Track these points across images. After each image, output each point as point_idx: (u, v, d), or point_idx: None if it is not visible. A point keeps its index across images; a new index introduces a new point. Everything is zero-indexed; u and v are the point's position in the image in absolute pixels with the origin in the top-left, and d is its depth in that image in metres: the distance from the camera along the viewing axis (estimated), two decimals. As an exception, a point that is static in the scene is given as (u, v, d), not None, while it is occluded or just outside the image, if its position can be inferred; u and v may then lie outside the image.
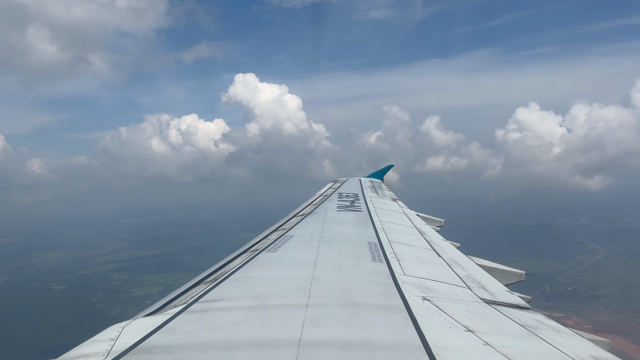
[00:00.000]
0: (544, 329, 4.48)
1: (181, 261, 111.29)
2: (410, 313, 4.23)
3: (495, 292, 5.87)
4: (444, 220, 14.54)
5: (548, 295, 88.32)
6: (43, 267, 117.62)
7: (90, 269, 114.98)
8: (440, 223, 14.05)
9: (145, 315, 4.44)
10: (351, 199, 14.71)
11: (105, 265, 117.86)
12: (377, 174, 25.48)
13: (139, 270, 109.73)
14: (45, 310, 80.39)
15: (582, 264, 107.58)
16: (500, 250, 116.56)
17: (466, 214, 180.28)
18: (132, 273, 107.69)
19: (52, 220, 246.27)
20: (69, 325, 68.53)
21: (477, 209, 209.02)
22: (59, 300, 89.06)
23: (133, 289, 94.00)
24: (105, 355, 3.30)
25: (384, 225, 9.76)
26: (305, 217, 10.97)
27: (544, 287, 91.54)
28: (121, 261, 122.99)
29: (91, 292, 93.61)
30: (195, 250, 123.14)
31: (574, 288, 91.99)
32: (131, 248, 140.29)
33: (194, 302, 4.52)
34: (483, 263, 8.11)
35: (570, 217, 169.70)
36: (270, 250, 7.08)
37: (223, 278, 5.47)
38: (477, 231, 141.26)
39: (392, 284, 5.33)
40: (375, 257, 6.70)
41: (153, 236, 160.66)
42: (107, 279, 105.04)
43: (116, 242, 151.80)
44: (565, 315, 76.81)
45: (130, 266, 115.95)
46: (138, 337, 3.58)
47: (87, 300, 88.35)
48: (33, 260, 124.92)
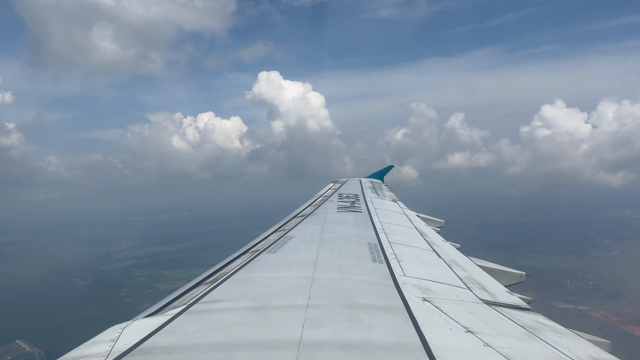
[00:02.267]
0: (544, 330, 4.48)
1: (199, 257, 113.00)
2: (411, 314, 4.23)
3: (495, 293, 5.87)
4: (444, 221, 14.55)
5: (570, 289, 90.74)
6: (63, 264, 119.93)
7: (109, 265, 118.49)
8: (440, 224, 14.05)
9: (145, 316, 4.44)
10: (351, 200, 14.71)
11: (124, 262, 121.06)
12: (377, 175, 25.47)
13: (159, 266, 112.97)
14: (79, 304, 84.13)
15: (599, 260, 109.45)
16: (515, 247, 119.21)
17: (483, 211, 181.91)
18: (153, 269, 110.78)
19: (64, 218, 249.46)
20: (105, 317, 70.71)
21: (495, 205, 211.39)
22: (87, 294, 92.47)
23: (157, 284, 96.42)
24: (105, 356, 3.30)
25: (384, 226, 9.76)
26: (306, 217, 10.97)
27: (565, 282, 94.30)
28: (139, 257, 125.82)
29: (117, 287, 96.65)
30: (210, 247, 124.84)
31: (595, 283, 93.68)
32: (146, 245, 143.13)
33: (194, 303, 4.52)
34: (483, 264, 8.10)
35: (585, 214, 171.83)
36: (271, 251, 7.08)
37: (223, 279, 5.47)
38: (492, 228, 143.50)
39: (393, 285, 5.33)
40: (376, 258, 6.70)
41: (165, 233, 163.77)
42: (129, 274, 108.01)
43: (130, 240, 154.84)
44: (590, 309, 79.01)
45: (149, 262, 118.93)
46: (138, 338, 3.57)
47: (114, 294, 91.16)
48: (50, 257, 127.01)
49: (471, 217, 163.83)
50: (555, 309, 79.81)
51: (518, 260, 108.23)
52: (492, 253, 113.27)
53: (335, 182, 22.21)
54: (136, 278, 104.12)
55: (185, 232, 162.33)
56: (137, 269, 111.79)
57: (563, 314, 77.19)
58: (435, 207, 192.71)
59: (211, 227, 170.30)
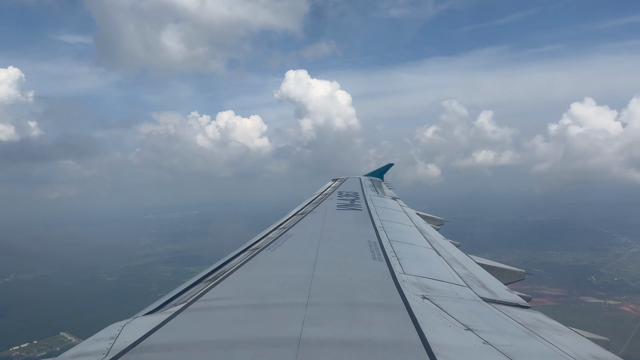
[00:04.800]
0: (543, 327, 4.49)
1: (221, 254, 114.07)
2: (410, 312, 4.23)
3: (495, 291, 5.87)
4: (444, 219, 14.55)
5: (597, 285, 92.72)
6: (86, 261, 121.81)
7: (133, 261, 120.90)
8: (440, 222, 14.06)
9: (145, 314, 4.44)
10: (351, 198, 14.70)
11: (146, 259, 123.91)
12: (377, 173, 25.46)
13: (183, 262, 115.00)
14: (113, 298, 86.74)
15: (619, 257, 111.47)
16: (533, 244, 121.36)
17: (497, 209, 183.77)
18: (177, 265, 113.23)
19: (78, 216, 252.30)
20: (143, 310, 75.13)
21: (507, 203, 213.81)
22: (118, 289, 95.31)
23: (186, 280, 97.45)
24: (105, 353, 3.30)
25: (383, 224, 9.75)
26: (306, 215, 10.97)
27: (590, 277, 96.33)
28: (160, 254, 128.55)
29: (146, 283, 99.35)
30: (229, 244, 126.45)
31: (620, 278, 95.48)
32: (165, 242, 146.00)
33: (194, 300, 4.52)
34: (483, 262, 8.11)
35: (597, 212, 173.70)
36: (270, 249, 7.08)
37: (223, 277, 5.47)
38: (508, 226, 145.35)
39: (392, 282, 5.33)
40: (375, 256, 6.70)
41: (181, 231, 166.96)
42: (154, 270, 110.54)
43: (147, 237, 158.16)
44: (620, 303, 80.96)
45: (172, 259, 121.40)
46: (138, 335, 3.57)
47: (145, 290, 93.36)
48: (70, 254, 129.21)
49: (486, 216, 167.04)
50: (585, 303, 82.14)
51: (539, 257, 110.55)
52: (512, 250, 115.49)
53: (335, 180, 22.20)
54: (162, 274, 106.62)
55: (200, 230, 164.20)
56: (162, 266, 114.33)
57: (594, 308, 79.28)
58: (453, 205, 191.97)
59: (225, 225, 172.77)
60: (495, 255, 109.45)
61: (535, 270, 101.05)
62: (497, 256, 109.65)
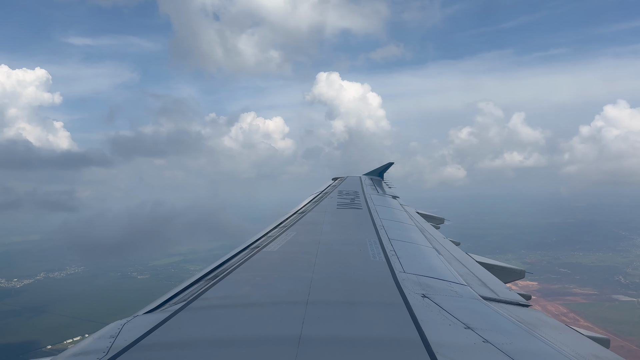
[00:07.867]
0: (543, 326, 4.48)
1: None
2: (410, 310, 4.23)
3: (495, 290, 5.87)
4: (444, 218, 14.56)
5: (626, 284, 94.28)
6: (111, 259, 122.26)
7: (159, 260, 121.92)
8: (440, 221, 14.06)
9: (145, 312, 4.45)
10: (351, 197, 14.70)
11: (171, 258, 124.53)
12: (376, 172, 25.49)
13: (208, 261, 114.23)
14: (150, 295, 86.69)
15: None
16: (553, 245, 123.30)
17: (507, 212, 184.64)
18: (203, 264, 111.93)
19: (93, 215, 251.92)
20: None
21: (519, 206, 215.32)
22: (152, 287, 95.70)
23: None
24: (105, 352, 3.30)
25: (383, 223, 9.75)
26: (306, 214, 10.98)
27: (618, 277, 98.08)
28: (184, 254, 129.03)
29: (178, 281, 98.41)
30: None
31: None
32: (184, 242, 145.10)
33: (195, 299, 4.52)
34: (483, 260, 8.11)
35: (617, 214, 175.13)
36: (270, 248, 7.09)
37: (223, 275, 5.47)
38: (522, 228, 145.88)
39: (392, 281, 5.32)
40: (375, 255, 6.70)
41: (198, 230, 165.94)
42: (183, 269, 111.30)
43: None
44: None
45: (196, 258, 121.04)
46: (138, 334, 3.57)
47: None
48: (99, 252, 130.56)
49: (506, 218, 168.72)
50: (618, 301, 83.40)
51: (563, 258, 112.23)
52: (534, 251, 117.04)
53: (336, 179, 22.22)
54: (192, 272, 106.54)
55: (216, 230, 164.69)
56: (189, 264, 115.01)
57: (627, 306, 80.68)
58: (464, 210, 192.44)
59: (241, 225, 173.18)
60: (518, 257, 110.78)
61: (562, 270, 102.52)
62: (520, 257, 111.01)
